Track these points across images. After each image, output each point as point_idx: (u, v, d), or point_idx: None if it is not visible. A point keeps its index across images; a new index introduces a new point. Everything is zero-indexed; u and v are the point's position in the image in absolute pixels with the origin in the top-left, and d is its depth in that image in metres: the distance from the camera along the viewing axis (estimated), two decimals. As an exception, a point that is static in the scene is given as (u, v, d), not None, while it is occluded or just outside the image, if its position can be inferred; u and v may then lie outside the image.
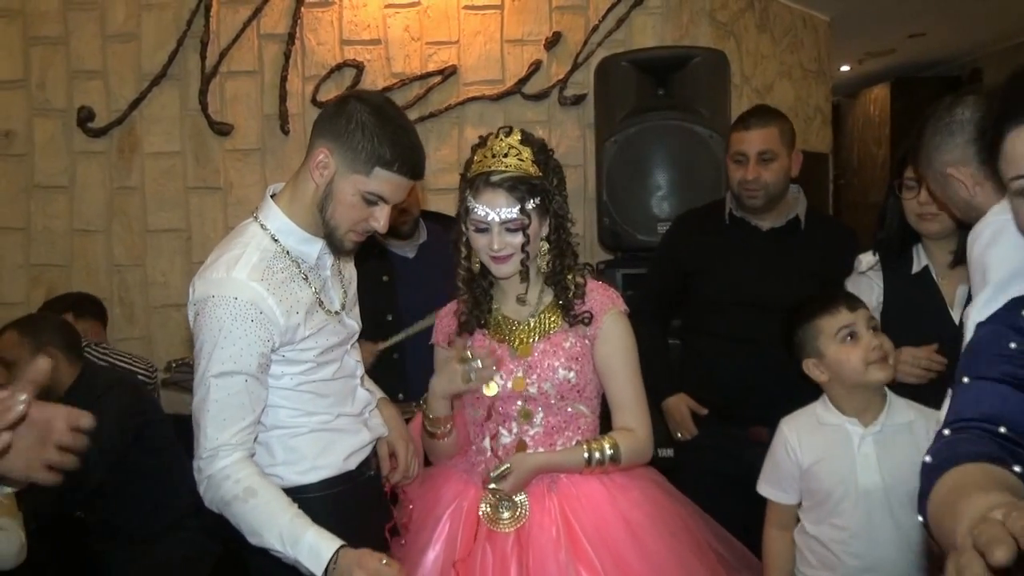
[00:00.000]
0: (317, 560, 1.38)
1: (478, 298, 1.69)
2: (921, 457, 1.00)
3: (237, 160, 3.56)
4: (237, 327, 1.45)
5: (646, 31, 3.53)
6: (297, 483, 1.59)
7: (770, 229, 2.38)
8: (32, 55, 3.54)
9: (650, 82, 3.11)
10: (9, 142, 3.56)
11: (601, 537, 1.54)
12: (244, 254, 1.50)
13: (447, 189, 3.54)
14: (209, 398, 1.46)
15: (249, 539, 1.45)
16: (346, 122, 1.49)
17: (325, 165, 1.51)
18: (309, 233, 1.57)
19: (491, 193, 1.57)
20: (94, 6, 3.52)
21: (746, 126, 2.33)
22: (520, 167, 1.58)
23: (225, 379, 1.46)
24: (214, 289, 1.47)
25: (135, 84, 3.52)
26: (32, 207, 3.57)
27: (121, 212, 3.57)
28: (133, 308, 3.58)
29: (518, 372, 1.64)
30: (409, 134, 1.54)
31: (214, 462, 1.46)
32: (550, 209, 1.62)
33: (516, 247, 1.59)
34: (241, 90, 3.53)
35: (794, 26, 4.41)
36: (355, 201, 1.51)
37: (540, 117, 3.53)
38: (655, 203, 3.00)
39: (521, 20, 3.53)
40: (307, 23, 3.51)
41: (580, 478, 1.62)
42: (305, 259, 1.58)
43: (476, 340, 1.69)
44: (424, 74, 3.51)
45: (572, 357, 1.64)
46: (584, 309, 1.65)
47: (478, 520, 1.59)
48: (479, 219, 1.58)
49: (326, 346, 1.58)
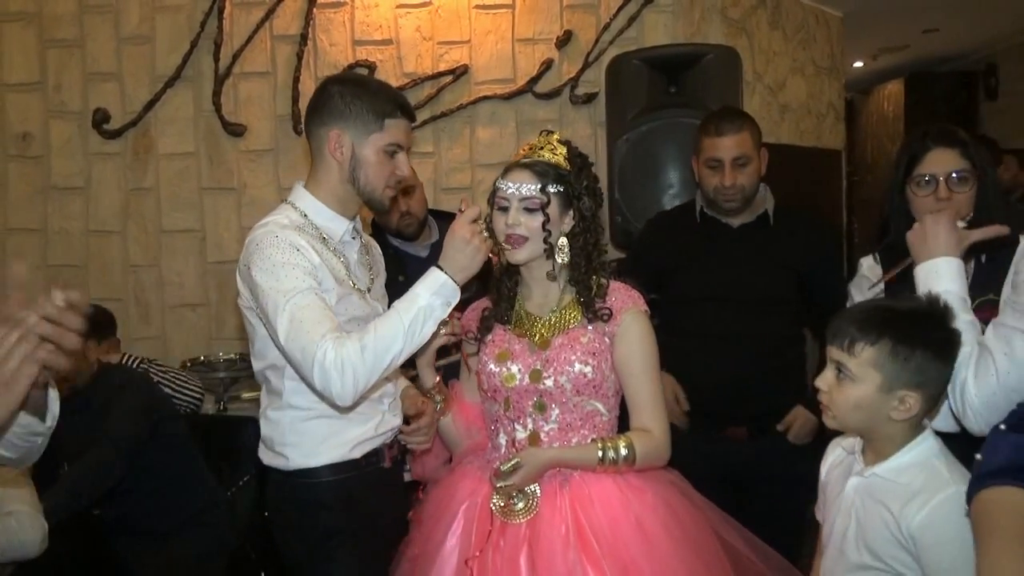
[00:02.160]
0: (436, 276, 1.58)
1: (502, 293, 1.74)
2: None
3: (250, 161, 3.58)
4: (286, 255, 1.58)
5: (657, 29, 3.52)
6: (302, 466, 1.67)
7: (740, 225, 2.40)
8: (48, 58, 3.57)
9: (662, 80, 3.11)
10: (26, 144, 3.59)
11: (611, 538, 1.53)
12: (276, 219, 1.68)
13: (459, 188, 3.55)
14: (295, 318, 1.53)
15: (400, 347, 1.55)
16: (340, 101, 1.68)
17: (341, 143, 1.69)
18: (336, 212, 1.73)
19: (518, 172, 1.66)
20: (109, 9, 3.55)
21: (719, 132, 2.33)
22: (552, 158, 1.66)
23: (298, 297, 1.55)
24: (257, 240, 1.62)
25: (149, 86, 3.55)
26: (49, 208, 3.61)
27: (136, 213, 3.60)
28: (148, 308, 3.61)
29: (536, 365, 1.65)
30: (385, 85, 1.83)
31: (328, 352, 1.49)
32: (574, 204, 1.66)
33: (532, 230, 1.63)
34: (254, 91, 3.55)
35: (806, 22, 4.39)
36: (380, 158, 1.70)
37: (551, 116, 3.53)
38: (667, 201, 2.99)
39: (532, 19, 3.54)
40: (319, 24, 3.53)
41: (593, 477, 1.61)
42: (331, 235, 1.72)
43: (496, 335, 1.72)
44: (436, 74, 3.52)
45: (589, 352, 1.65)
46: (604, 306, 1.67)
47: (491, 514, 1.60)
48: (501, 196, 1.66)
49: (352, 315, 1.67)
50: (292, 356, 1.55)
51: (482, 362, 1.73)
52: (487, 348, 1.73)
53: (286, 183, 3.56)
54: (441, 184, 3.53)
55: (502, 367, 1.68)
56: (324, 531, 1.66)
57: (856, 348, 1.38)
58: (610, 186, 3.08)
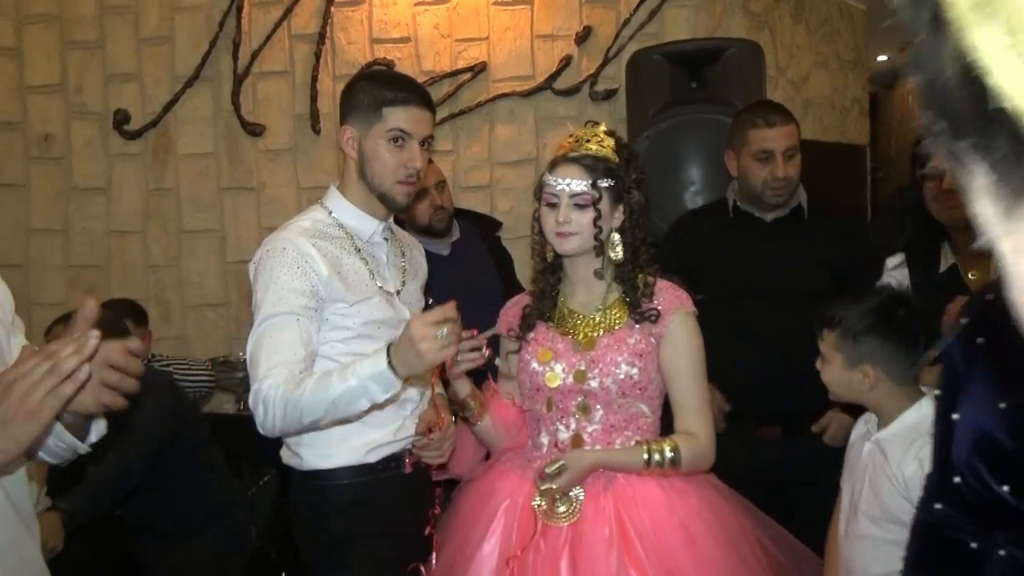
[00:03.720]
0: (378, 363, 1.45)
1: (544, 290, 1.69)
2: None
3: (269, 160, 3.58)
4: (285, 272, 1.58)
5: (678, 23, 3.48)
6: (316, 467, 1.65)
7: (774, 220, 2.36)
8: (69, 59, 3.60)
9: (683, 75, 3.06)
10: (48, 145, 3.62)
11: (655, 541, 1.51)
12: (298, 222, 1.69)
13: (478, 187, 3.53)
14: (264, 336, 1.57)
15: (320, 415, 1.50)
16: (350, 97, 1.69)
17: (350, 136, 1.68)
18: (364, 212, 1.72)
19: (566, 167, 1.61)
20: (128, 10, 3.57)
21: (769, 123, 2.29)
22: (600, 151, 1.62)
23: (277, 319, 1.57)
24: (268, 245, 1.64)
25: (169, 86, 3.56)
26: (71, 209, 3.63)
27: (156, 213, 3.62)
28: (169, 308, 3.63)
29: (580, 365, 1.62)
30: (402, 76, 1.81)
31: (264, 383, 1.52)
32: (624, 199, 1.62)
33: (582, 225, 1.59)
34: (273, 90, 3.55)
35: (830, 16, 4.32)
36: (384, 149, 1.65)
37: (571, 113, 3.50)
38: (689, 198, 2.95)
39: (551, 15, 3.50)
40: (337, 22, 3.52)
41: (637, 479, 1.59)
42: (360, 235, 1.71)
43: (539, 333, 1.69)
44: (454, 71, 3.50)
45: (636, 353, 1.61)
46: (651, 307, 1.63)
47: (534, 515, 1.57)
48: (550, 191, 1.61)
49: (370, 318, 1.65)
50: (251, 362, 1.60)
51: (524, 361, 1.68)
52: (529, 347, 1.68)
53: (305, 182, 3.56)
54: (460, 182, 3.51)
55: (545, 367, 1.64)
56: (336, 535, 1.65)
57: (824, 333, 1.65)
58: (631, 183, 3.05)
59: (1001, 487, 0.95)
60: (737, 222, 2.39)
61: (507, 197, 3.53)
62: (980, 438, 1.00)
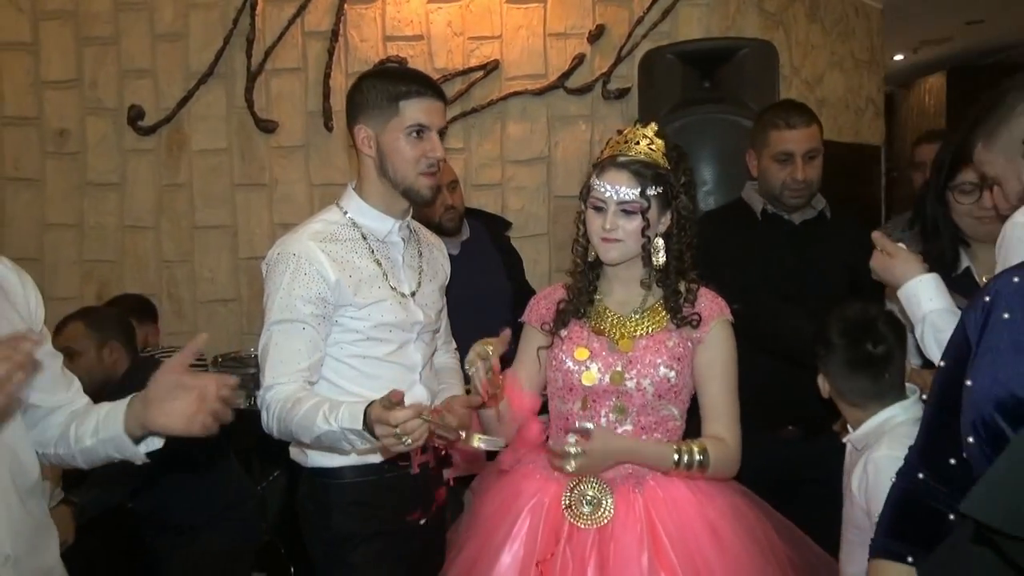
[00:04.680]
0: (356, 420, 1.46)
1: (582, 287, 1.67)
2: None
3: (282, 157, 3.59)
4: (294, 280, 1.60)
5: (692, 23, 3.46)
6: (320, 464, 1.66)
7: (802, 222, 2.34)
8: (85, 55, 3.62)
9: (696, 75, 3.05)
10: (64, 141, 3.64)
11: (685, 542, 1.51)
12: (311, 224, 1.69)
13: (490, 185, 3.53)
14: (271, 343, 1.61)
15: (306, 440, 1.55)
16: (360, 95, 1.68)
17: (366, 135, 1.67)
18: (380, 211, 1.71)
19: (615, 172, 1.58)
20: (143, 6, 3.59)
21: (790, 124, 2.26)
22: (650, 155, 1.58)
23: (284, 325, 1.60)
24: (279, 248, 1.65)
25: (183, 83, 3.58)
26: (85, 204, 3.66)
27: (170, 209, 3.64)
28: (181, 304, 3.65)
29: (617, 366, 1.60)
30: (410, 69, 1.83)
31: (268, 393, 1.59)
32: (672, 205, 1.60)
33: (628, 233, 1.58)
34: (286, 87, 3.57)
35: (845, 15, 4.29)
36: (404, 143, 1.64)
37: (583, 112, 3.49)
38: (701, 198, 2.91)
39: (564, 13, 3.50)
40: (350, 20, 3.52)
41: (667, 481, 1.58)
42: (375, 235, 1.70)
43: (573, 330, 1.66)
44: (466, 69, 3.50)
45: (675, 357, 1.60)
46: (694, 312, 1.63)
47: (561, 516, 1.56)
48: (598, 196, 1.59)
49: (381, 321, 1.65)
50: (260, 367, 1.66)
51: (558, 359, 1.65)
52: (563, 344, 1.65)
53: (317, 179, 3.57)
54: (472, 180, 3.51)
55: (581, 366, 1.62)
56: (339, 534, 1.65)
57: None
58: (642, 183, 3.03)
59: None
60: (767, 224, 2.37)
61: (518, 195, 3.53)
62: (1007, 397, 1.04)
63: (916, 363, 2.12)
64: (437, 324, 1.84)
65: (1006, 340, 1.07)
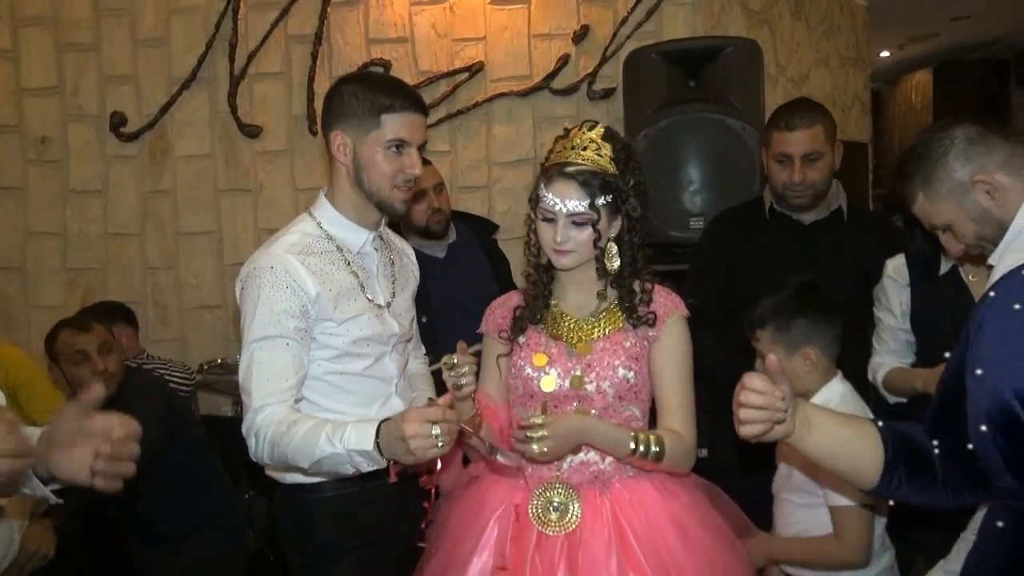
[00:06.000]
0: (365, 440, 1.41)
1: (534, 294, 1.67)
2: None
3: (267, 162, 3.57)
4: (274, 294, 1.55)
5: (677, 22, 3.45)
6: (298, 481, 1.62)
7: (812, 223, 2.33)
8: (65, 62, 3.58)
9: (681, 74, 3.04)
10: (45, 148, 3.61)
11: (652, 541, 1.51)
12: (285, 236, 1.64)
13: (476, 187, 3.51)
14: (253, 361, 1.55)
15: (304, 465, 1.49)
16: (340, 101, 1.63)
17: (343, 143, 1.63)
18: (353, 222, 1.67)
19: (563, 183, 1.56)
20: (125, 12, 3.55)
21: (789, 127, 2.24)
22: (597, 162, 1.57)
23: (267, 343, 1.55)
24: (253, 264, 1.61)
25: (165, 88, 3.54)
26: (68, 212, 3.62)
27: (154, 215, 3.60)
28: (167, 311, 3.62)
29: (576, 370, 1.60)
30: (393, 79, 1.77)
31: (258, 416, 1.52)
32: (622, 209, 1.59)
33: (580, 243, 1.57)
34: (269, 92, 3.54)
35: (830, 12, 4.29)
36: (382, 157, 1.61)
37: (568, 112, 3.48)
38: (687, 198, 2.93)
39: (548, 14, 3.48)
40: (334, 23, 3.50)
41: (633, 482, 1.59)
42: (349, 247, 1.67)
43: (530, 336, 1.66)
44: (451, 71, 3.48)
45: (632, 357, 1.61)
46: (649, 311, 1.63)
47: (529, 524, 1.54)
48: (547, 208, 1.58)
49: (359, 336, 1.63)
50: (242, 389, 1.59)
51: (517, 366, 1.65)
52: (522, 351, 1.65)
53: (302, 184, 3.55)
54: (458, 183, 3.49)
55: (540, 372, 1.62)
56: (320, 547, 1.63)
57: (756, 334, 1.86)
58: (628, 183, 3.02)
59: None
60: (775, 224, 2.35)
61: (505, 197, 3.51)
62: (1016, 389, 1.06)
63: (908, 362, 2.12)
64: (410, 333, 1.82)
65: (1018, 329, 1.08)
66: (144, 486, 2.49)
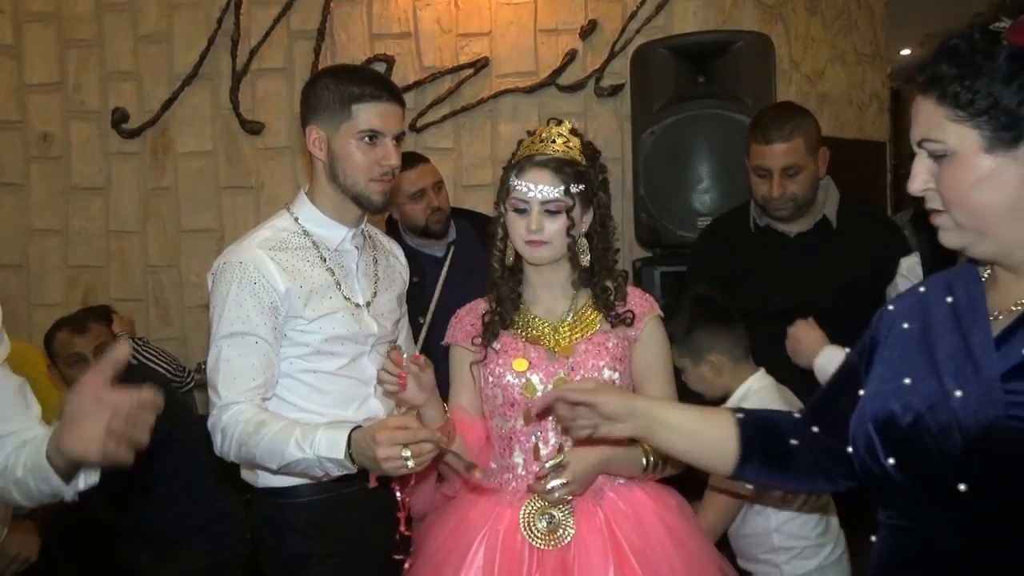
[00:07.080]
0: (336, 448, 1.39)
1: (503, 296, 1.59)
2: None
3: (269, 159, 3.53)
4: (243, 289, 1.53)
5: (687, 16, 3.37)
6: (271, 485, 1.58)
7: (798, 235, 2.23)
8: (67, 58, 3.56)
9: (690, 69, 2.96)
10: (47, 145, 3.59)
11: (647, 548, 1.48)
12: (259, 231, 1.63)
13: (480, 185, 3.45)
14: (220, 358, 1.53)
15: (272, 466, 1.47)
16: (313, 95, 1.61)
17: (317, 137, 1.60)
18: (332, 219, 1.64)
19: (536, 171, 1.52)
20: (127, 8, 3.53)
21: (767, 139, 2.13)
22: (568, 153, 1.54)
23: (235, 339, 1.53)
24: (224, 258, 1.59)
25: (167, 85, 3.52)
26: (70, 209, 3.60)
27: (155, 213, 3.58)
28: (168, 308, 3.59)
29: (559, 373, 1.54)
30: (366, 69, 1.77)
31: (225, 413, 1.51)
32: (593, 201, 1.56)
33: (554, 234, 1.52)
34: (272, 88, 3.50)
35: (847, 7, 4.18)
36: (355, 149, 1.58)
37: (576, 109, 3.40)
38: (695, 197, 2.85)
39: (555, 9, 3.41)
40: (337, 18, 3.45)
41: (625, 489, 1.55)
42: (326, 244, 1.63)
43: (505, 342, 1.59)
44: (456, 67, 3.42)
45: (616, 358, 1.57)
46: (627, 309, 1.59)
47: (520, 542, 1.48)
48: (519, 196, 1.52)
49: (333, 335, 1.59)
50: (209, 384, 1.57)
51: (496, 374, 1.57)
52: (499, 357, 1.58)
53: (304, 181, 3.49)
54: (462, 181, 3.43)
55: (521, 377, 1.55)
56: (295, 555, 1.59)
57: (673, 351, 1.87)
58: (635, 181, 2.95)
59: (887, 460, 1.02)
60: (760, 237, 2.27)
61: (510, 196, 3.45)
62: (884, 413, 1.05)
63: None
64: (394, 335, 1.76)
65: (898, 354, 1.08)
66: (143, 488, 2.47)
